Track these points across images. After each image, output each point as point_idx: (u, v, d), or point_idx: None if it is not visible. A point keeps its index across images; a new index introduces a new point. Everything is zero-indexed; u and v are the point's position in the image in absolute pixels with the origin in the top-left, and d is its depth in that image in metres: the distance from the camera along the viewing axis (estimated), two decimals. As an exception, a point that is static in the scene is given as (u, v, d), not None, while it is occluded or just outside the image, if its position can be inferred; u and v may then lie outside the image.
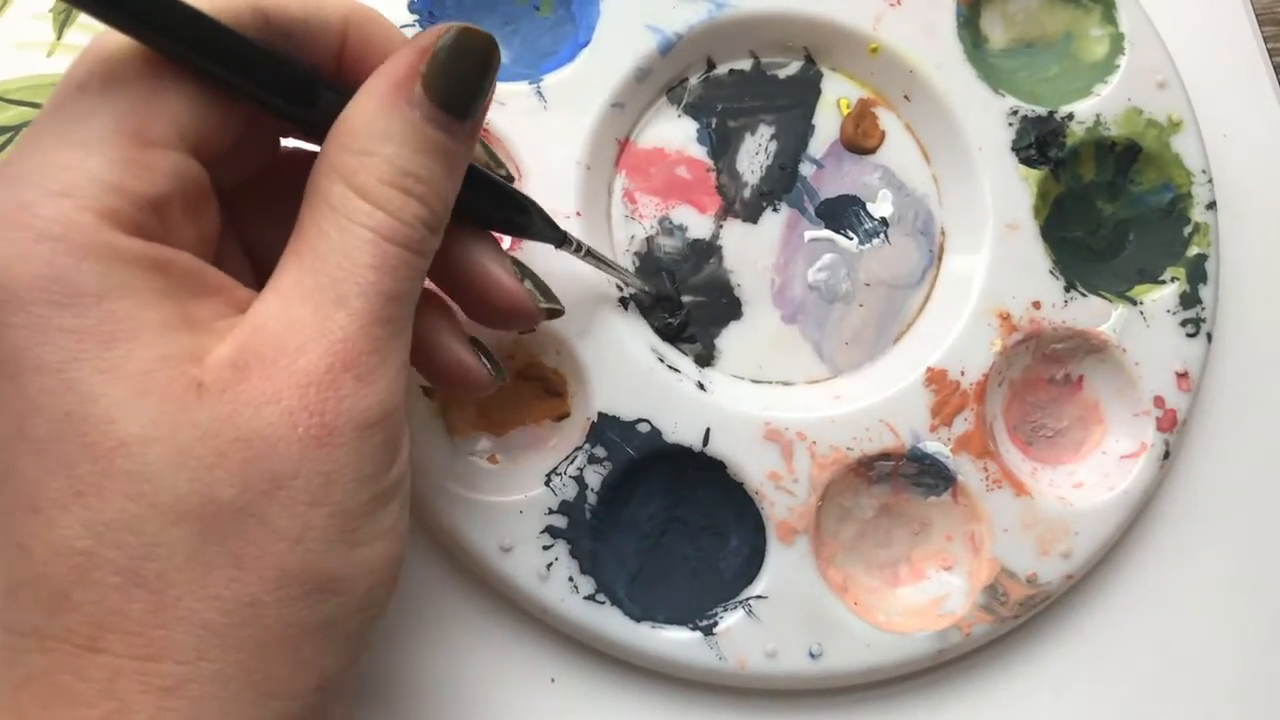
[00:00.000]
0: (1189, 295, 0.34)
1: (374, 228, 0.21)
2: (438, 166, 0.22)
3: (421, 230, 0.22)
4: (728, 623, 0.31)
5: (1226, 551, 0.34)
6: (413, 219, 0.21)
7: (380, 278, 0.21)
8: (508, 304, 0.26)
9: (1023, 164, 0.33)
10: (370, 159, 0.21)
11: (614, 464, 0.31)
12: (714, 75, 0.34)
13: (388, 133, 0.21)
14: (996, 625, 0.31)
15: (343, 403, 0.20)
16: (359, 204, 0.21)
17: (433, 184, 0.22)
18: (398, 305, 0.21)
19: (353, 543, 0.21)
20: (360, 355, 0.21)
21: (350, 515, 0.21)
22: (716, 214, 0.33)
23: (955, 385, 0.32)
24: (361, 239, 0.21)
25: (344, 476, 0.20)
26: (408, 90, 0.21)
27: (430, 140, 0.22)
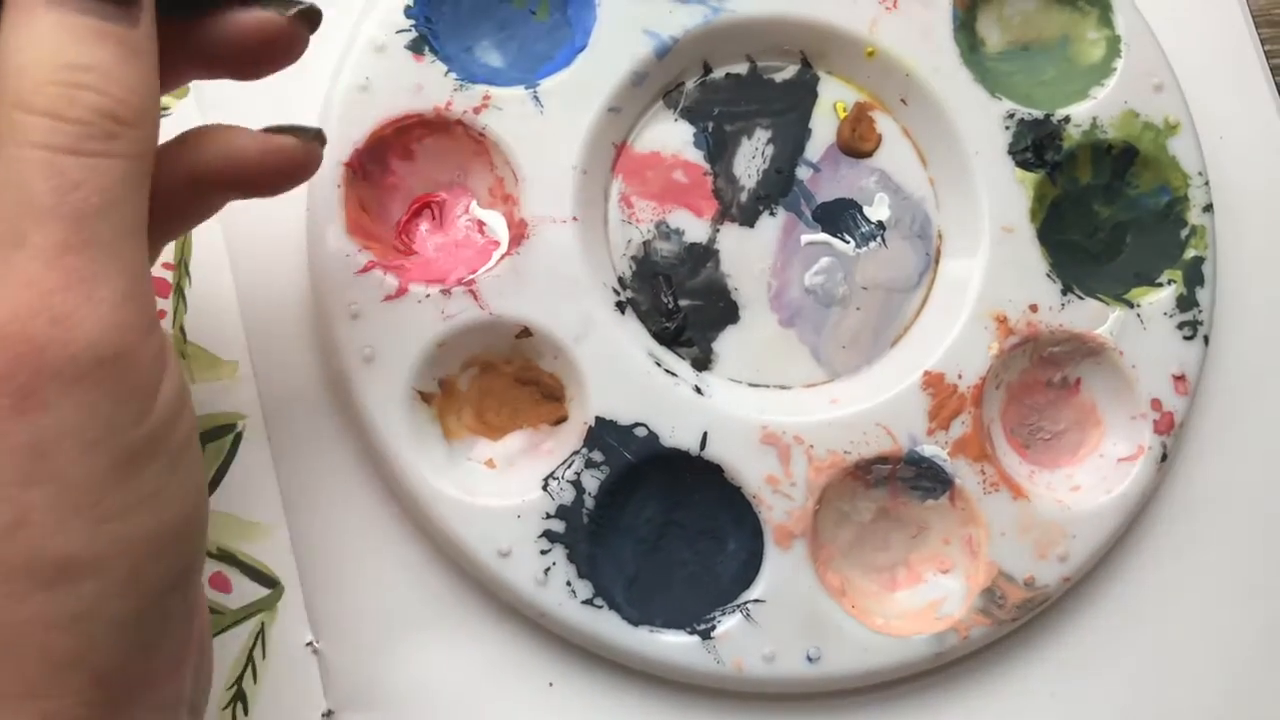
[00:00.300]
0: (1186, 298, 0.34)
1: (41, 141, 0.18)
2: (105, 52, 0.19)
3: (106, 125, 0.19)
4: (725, 626, 0.31)
5: (1224, 554, 0.34)
6: (89, 114, 0.18)
7: (60, 200, 0.18)
8: (259, 33, 0.23)
9: (1019, 167, 0.33)
10: (25, 68, 0.18)
11: (611, 468, 0.31)
12: (710, 79, 0.34)
13: (36, 37, 0.19)
14: (994, 628, 0.31)
15: (40, 356, 0.18)
16: (19, 119, 0.18)
17: (105, 71, 0.19)
18: (96, 224, 0.18)
19: (97, 518, 0.18)
20: (54, 294, 0.18)
21: (84, 488, 0.18)
22: (713, 218, 0.33)
23: (952, 388, 0.32)
24: (30, 161, 0.18)
25: (63, 444, 0.18)
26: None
27: (86, 29, 0.19)
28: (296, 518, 0.31)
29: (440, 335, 0.30)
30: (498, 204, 0.32)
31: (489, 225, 0.32)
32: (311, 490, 0.31)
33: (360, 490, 0.31)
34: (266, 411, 0.32)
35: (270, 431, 0.32)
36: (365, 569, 0.31)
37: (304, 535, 0.31)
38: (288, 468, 0.31)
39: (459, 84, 0.32)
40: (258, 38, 0.23)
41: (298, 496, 0.31)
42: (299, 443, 0.32)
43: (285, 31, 0.24)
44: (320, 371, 0.32)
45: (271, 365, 0.32)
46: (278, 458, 0.31)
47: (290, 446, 0.32)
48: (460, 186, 0.33)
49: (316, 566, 0.31)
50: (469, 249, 0.32)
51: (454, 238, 0.32)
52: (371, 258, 0.31)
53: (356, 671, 0.31)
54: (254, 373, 0.32)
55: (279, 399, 0.32)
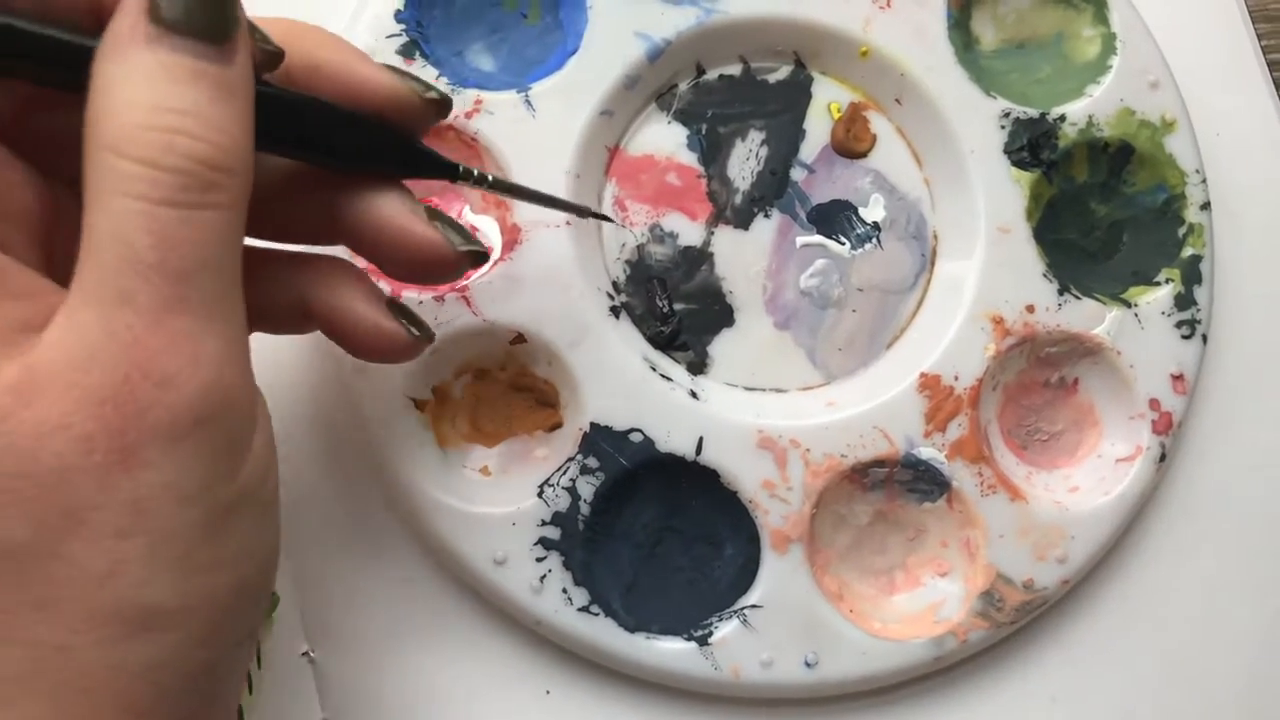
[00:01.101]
0: (1184, 297, 0.33)
1: (140, 193, 0.18)
2: (201, 94, 0.19)
3: (203, 173, 0.18)
4: (722, 633, 0.30)
5: (1223, 554, 0.34)
6: (188, 163, 0.18)
7: (163, 256, 0.18)
8: (422, 252, 0.23)
9: (1015, 166, 0.33)
10: (120, 111, 0.18)
11: (607, 474, 0.31)
12: (703, 81, 0.34)
13: (128, 78, 0.18)
14: (993, 631, 0.31)
15: (145, 416, 0.18)
16: (117, 165, 0.18)
17: (201, 114, 0.18)
18: (197, 282, 0.18)
19: (186, 571, 0.18)
20: (159, 355, 0.18)
21: (176, 541, 0.18)
22: (707, 221, 0.33)
23: (949, 390, 0.32)
24: (130, 213, 0.18)
25: (160, 499, 0.18)
26: (141, 32, 0.18)
27: (183, 70, 0.18)
28: (291, 527, 0.31)
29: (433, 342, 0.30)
30: (490, 209, 0.32)
31: (482, 231, 0.32)
32: (306, 500, 0.31)
33: (355, 499, 0.31)
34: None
35: (264, 440, 0.31)
36: (360, 578, 0.31)
37: (299, 544, 0.31)
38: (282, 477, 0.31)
39: (450, 88, 0.31)
40: (421, 254, 0.24)
41: (292, 506, 0.31)
42: (294, 452, 0.31)
43: (449, 261, 0.24)
44: (313, 379, 0.32)
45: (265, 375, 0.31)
46: (271, 466, 0.31)
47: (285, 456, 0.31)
48: (453, 192, 0.32)
49: (312, 576, 0.31)
50: (462, 255, 0.32)
51: (446, 243, 0.32)
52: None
53: (352, 681, 0.31)
54: (247, 381, 0.31)
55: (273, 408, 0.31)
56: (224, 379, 0.19)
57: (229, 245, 0.19)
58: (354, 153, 0.23)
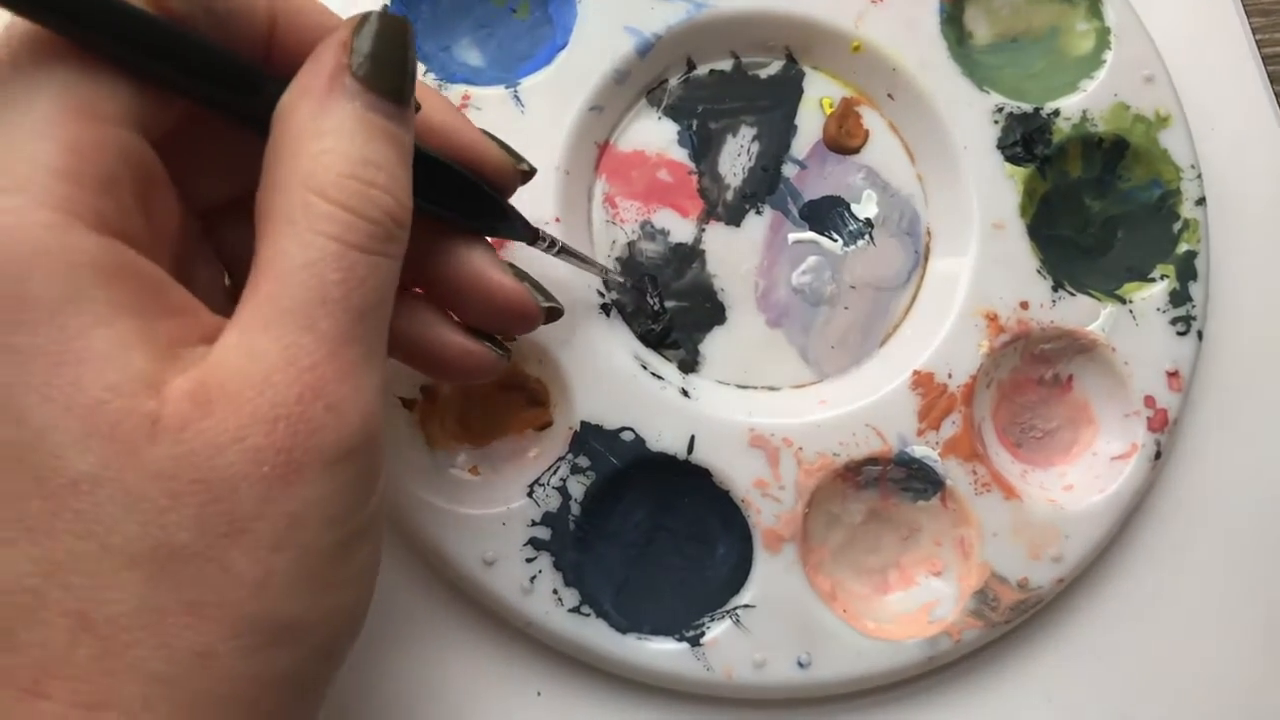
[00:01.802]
0: (1179, 293, 0.33)
1: (337, 235, 0.19)
2: (392, 153, 0.20)
3: (389, 226, 0.20)
4: (715, 633, 0.30)
5: (1219, 552, 0.33)
6: (379, 214, 0.20)
7: (348, 293, 0.19)
8: (510, 306, 0.25)
9: (1008, 162, 0.33)
10: (323, 155, 0.20)
11: (598, 474, 0.30)
12: (694, 76, 0.33)
13: (333, 127, 0.20)
14: (987, 630, 0.31)
15: (313, 437, 0.19)
16: (318, 207, 0.19)
17: (391, 171, 0.20)
18: (370, 321, 0.20)
19: (320, 587, 0.19)
20: (331, 382, 0.19)
21: (318, 558, 0.19)
22: (699, 217, 0.33)
23: (943, 388, 0.32)
24: (324, 251, 0.19)
25: (312, 517, 0.19)
26: (342, 84, 0.20)
27: (378, 127, 0.20)
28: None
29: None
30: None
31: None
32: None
33: (343, 499, 0.31)
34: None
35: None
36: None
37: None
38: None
39: (438, 83, 0.31)
40: (509, 307, 0.25)
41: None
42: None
43: (533, 315, 0.26)
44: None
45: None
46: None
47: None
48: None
49: (299, 577, 0.31)
50: (450, 252, 0.32)
51: (435, 241, 0.32)
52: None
53: (342, 682, 0.30)
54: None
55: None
56: (375, 413, 0.20)
57: (392, 290, 0.21)
58: (458, 206, 0.25)
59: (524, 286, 0.25)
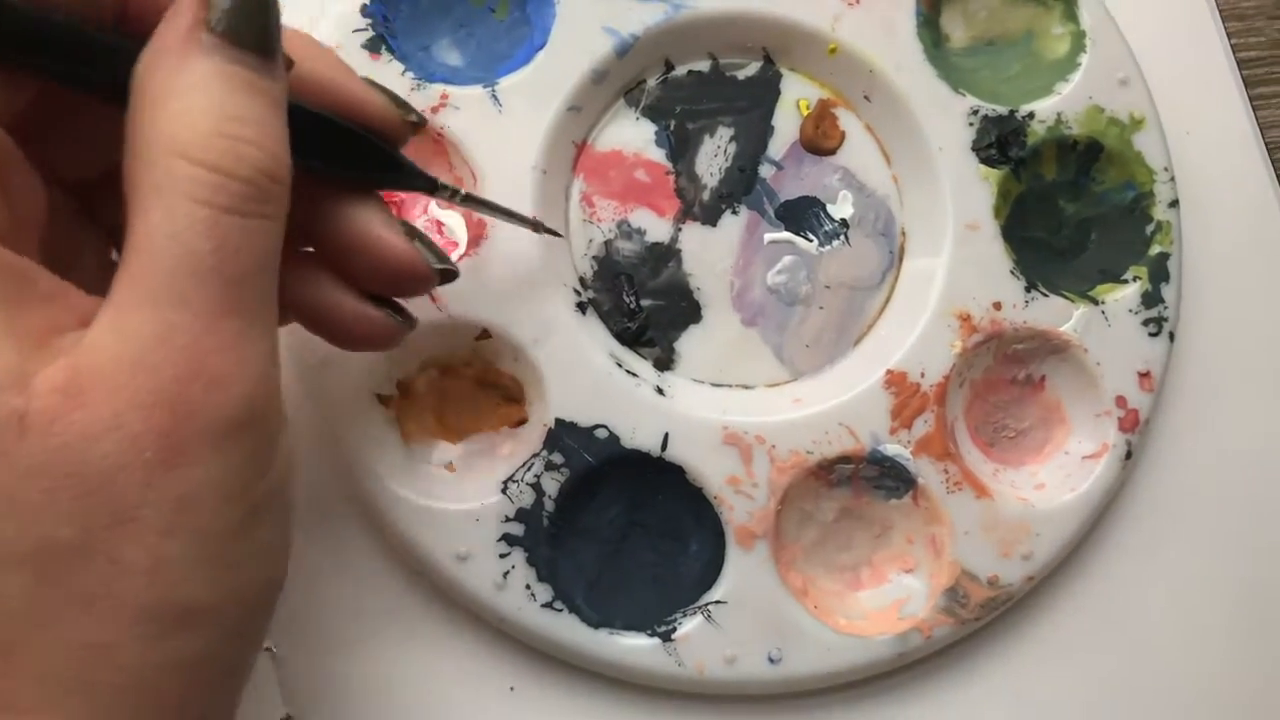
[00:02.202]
0: (1151, 294, 0.33)
1: (206, 199, 0.18)
2: (260, 105, 0.19)
3: (263, 185, 0.19)
4: (686, 628, 0.30)
5: (1189, 552, 0.34)
6: (250, 172, 0.19)
7: (222, 261, 0.18)
8: (400, 266, 0.24)
9: (983, 164, 0.33)
10: (184, 115, 0.18)
11: (572, 470, 0.31)
12: (672, 77, 0.34)
13: (193, 85, 0.19)
14: (958, 627, 0.31)
15: (194, 417, 0.18)
16: (183, 170, 0.18)
17: (262, 125, 0.19)
18: (251, 289, 0.19)
19: (220, 569, 0.19)
20: (210, 357, 0.18)
21: (215, 538, 0.19)
22: (675, 217, 0.33)
23: (915, 387, 0.32)
24: (193, 218, 0.18)
25: (202, 498, 0.18)
26: (198, 40, 0.19)
27: (242, 80, 0.19)
28: (255, 522, 0.31)
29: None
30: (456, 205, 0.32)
31: (448, 226, 0.32)
32: (270, 494, 0.31)
33: (319, 494, 0.31)
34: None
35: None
36: (324, 573, 0.31)
37: (263, 539, 0.31)
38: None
39: (416, 83, 0.31)
40: (398, 267, 0.24)
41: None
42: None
43: (423, 276, 0.24)
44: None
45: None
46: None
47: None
48: (418, 187, 0.32)
49: (276, 571, 0.31)
50: (427, 250, 0.32)
51: (412, 239, 0.32)
52: (328, 259, 0.30)
53: (315, 676, 0.30)
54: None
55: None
56: (264, 382, 0.19)
57: (275, 254, 0.20)
58: (344, 161, 0.23)
59: (414, 246, 0.24)
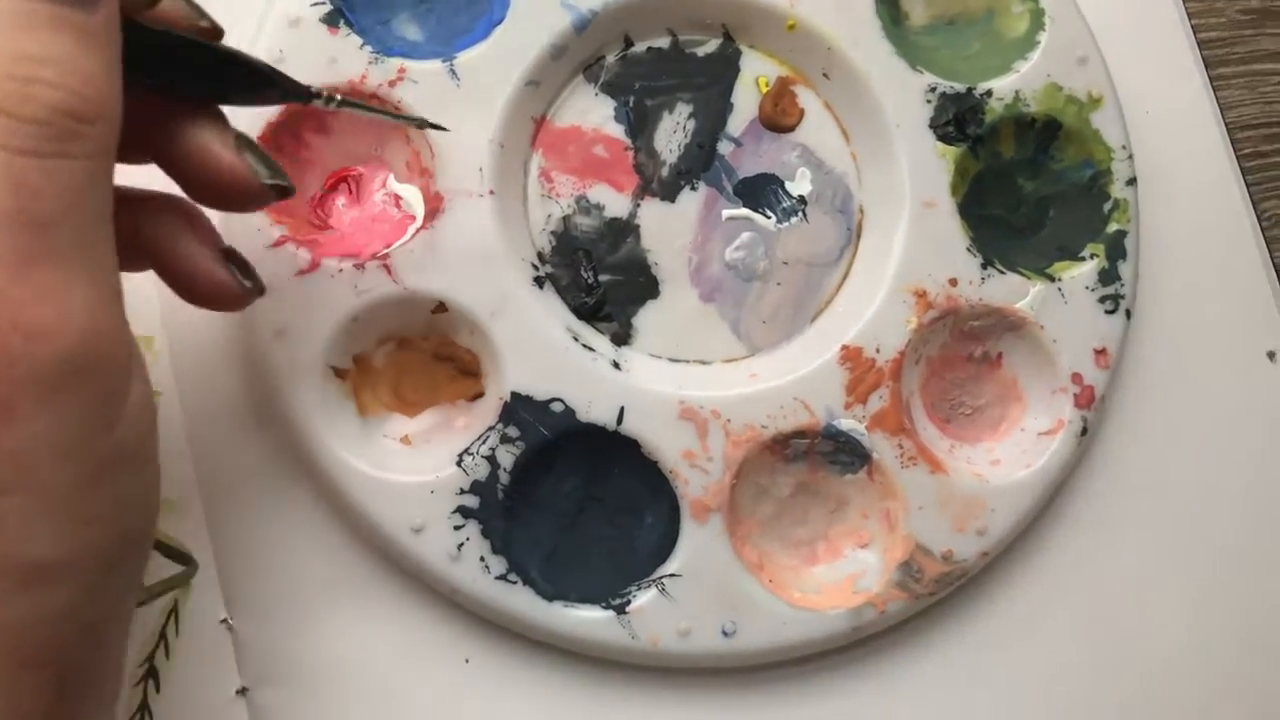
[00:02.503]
0: (1108, 272, 0.33)
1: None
2: (65, 41, 0.18)
3: (67, 124, 0.18)
4: (640, 601, 0.31)
5: (1144, 528, 0.34)
6: (47, 112, 0.18)
7: (22, 205, 0.17)
8: (225, 180, 0.23)
9: (941, 141, 0.33)
10: None
11: (527, 444, 0.31)
12: (632, 53, 0.34)
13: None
14: (912, 602, 0.31)
15: (15, 369, 0.17)
16: None
17: (64, 63, 0.18)
18: (62, 231, 0.18)
19: (70, 524, 0.18)
20: (27, 306, 0.17)
21: (58, 494, 0.18)
22: (634, 193, 0.33)
23: (870, 363, 0.32)
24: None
25: (39, 452, 0.18)
26: None
27: (42, 15, 0.18)
28: (211, 495, 0.31)
29: (353, 310, 0.30)
30: (415, 178, 0.32)
31: (405, 199, 0.32)
32: (226, 467, 0.31)
33: (274, 467, 0.31)
34: (181, 387, 0.31)
35: (185, 407, 0.31)
36: (280, 546, 0.31)
37: (218, 512, 0.31)
38: (201, 444, 0.31)
39: (374, 57, 0.31)
40: (224, 181, 0.23)
41: (212, 473, 0.31)
42: (213, 419, 0.31)
43: (252, 191, 0.24)
44: (234, 347, 0.31)
45: (186, 340, 0.32)
46: (192, 434, 0.31)
47: (205, 423, 0.31)
48: (377, 160, 0.32)
49: (231, 543, 0.31)
50: (385, 223, 0.32)
51: (370, 212, 0.32)
52: (284, 232, 0.30)
53: (271, 648, 0.31)
54: (169, 348, 0.31)
55: (193, 375, 0.32)
56: (97, 329, 0.19)
57: (96, 193, 0.19)
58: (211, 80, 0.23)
59: (243, 159, 0.23)
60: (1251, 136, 0.37)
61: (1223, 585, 0.34)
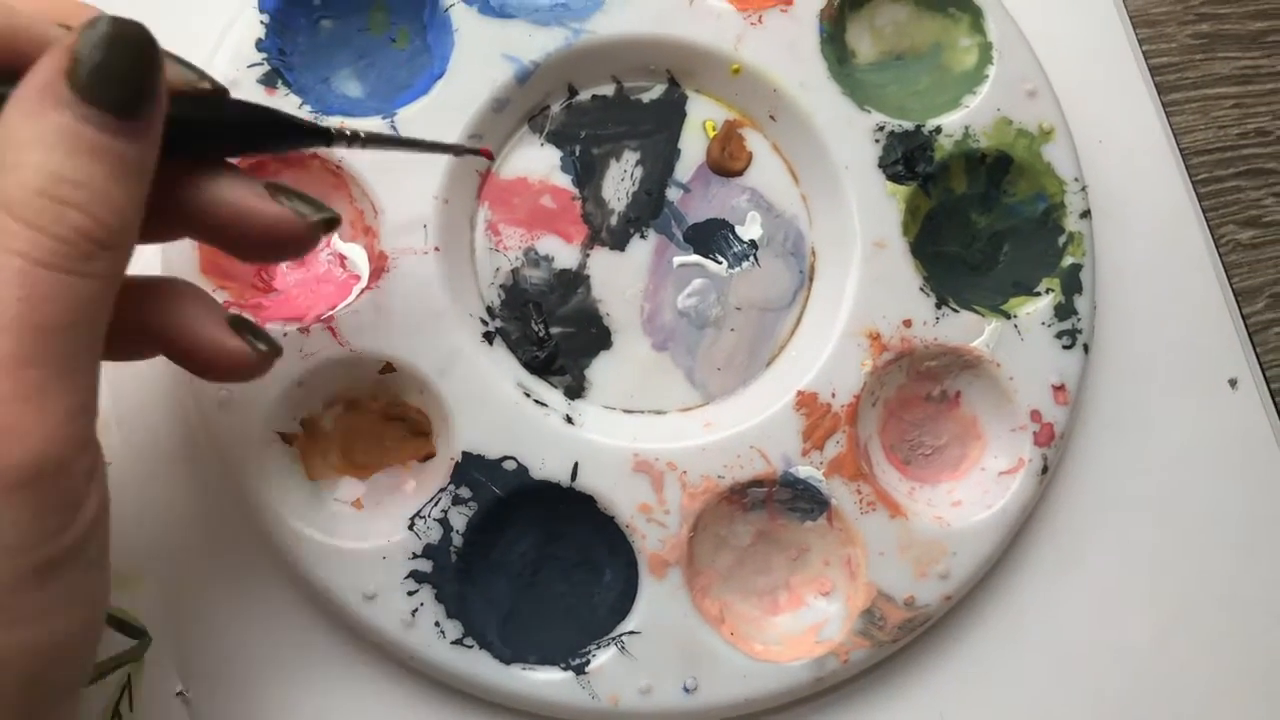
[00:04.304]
0: (1064, 306, 0.33)
1: (21, 250, 0.18)
2: (100, 170, 0.19)
3: (85, 246, 0.19)
4: (600, 660, 0.30)
5: (1107, 566, 0.33)
6: (71, 233, 0.19)
7: (28, 310, 0.18)
8: (273, 230, 0.23)
9: (890, 180, 0.33)
10: (15, 171, 0.19)
11: (479, 504, 0.30)
12: (576, 102, 0.33)
13: (34, 139, 0.19)
14: (875, 650, 0.31)
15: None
16: (4, 223, 0.18)
17: (95, 190, 0.19)
18: (58, 340, 0.19)
19: (6, 622, 0.18)
20: (6, 404, 0.18)
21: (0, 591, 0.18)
22: (583, 243, 0.33)
23: (826, 408, 0.32)
24: (7, 268, 0.18)
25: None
26: (54, 93, 0.19)
27: (87, 142, 0.19)
28: (163, 566, 0.30)
29: (298, 374, 0.30)
30: (359, 237, 0.32)
31: (350, 259, 0.32)
32: (177, 538, 0.31)
33: (225, 536, 0.31)
34: (131, 458, 0.31)
35: (135, 478, 0.31)
36: (234, 615, 0.31)
37: (171, 583, 0.30)
38: (153, 515, 0.31)
39: (315, 115, 0.31)
40: (272, 232, 0.23)
41: (163, 545, 0.31)
42: (164, 489, 0.31)
43: (301, 235, 0.24)
44: (181, 416, 0.31)
45: (134, 411, 0.31)
46: (143, 505, 0.31)
47: (155, 493, 0.31)
48: (320, 220, 0.32)
49: (184, 614, 0.30)
50: (330, 284, 0.32)
51: (315, 273, 0.32)
52: (227, 297, 0.30)
53: (224, 716, 0.30)
54: (114, 419, 0.31)
55: (143, 445, 0.31)
56: (66, 437, 0.19)
57: (97, 310, 0.20)
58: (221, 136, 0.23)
59: (284, 205, 0.23)
60: (1206, 161, 0.37)
61: (1186, 622, 0.33)
